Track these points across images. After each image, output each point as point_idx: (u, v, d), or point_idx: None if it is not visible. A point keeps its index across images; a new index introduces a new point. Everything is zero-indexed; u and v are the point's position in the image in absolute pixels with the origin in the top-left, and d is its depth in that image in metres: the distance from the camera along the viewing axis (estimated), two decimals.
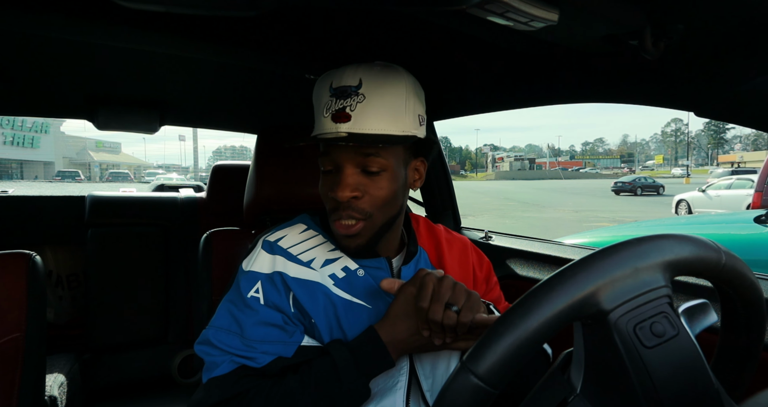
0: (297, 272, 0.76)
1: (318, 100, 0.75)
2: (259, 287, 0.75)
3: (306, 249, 0.79)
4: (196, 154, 50.75)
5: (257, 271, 0.76)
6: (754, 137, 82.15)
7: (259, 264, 0.77)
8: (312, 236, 0.82)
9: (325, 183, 0.76)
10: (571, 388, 0.44)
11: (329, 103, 0.72)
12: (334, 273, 0.78)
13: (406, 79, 0.74)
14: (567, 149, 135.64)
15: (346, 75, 0.72)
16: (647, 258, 0.42)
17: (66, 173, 45.60)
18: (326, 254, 0.80)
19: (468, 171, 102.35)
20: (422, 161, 0.81)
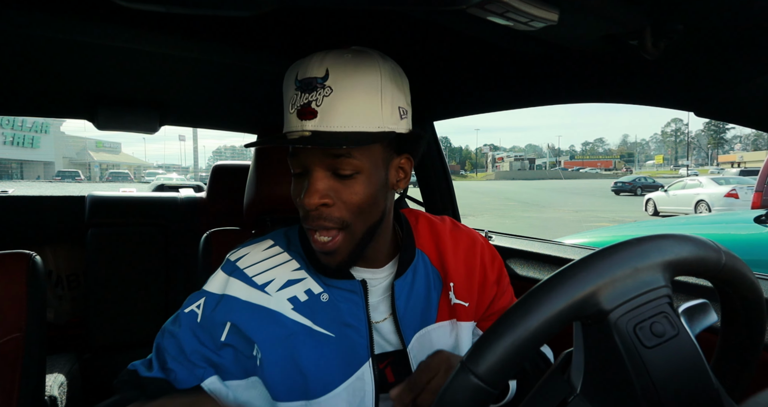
0: (249, 296, 0.69)
1: (285, 94, 0.66)
2: (201, 303, 0.70)
3: (265, 270, 0.72)
4: (196, 154, 50.77)
5: (208, 290, 0.71)
6: (754, 137, 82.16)
7: (213, 284, 0.72)
8: (276, 254, 0.74)
9: (295, 187, 0.67)
10: (571, 388, 0.44)
11: (294, 98, 0.63)
12: (295, 295, 0.70)
13: (382, 67, 0.64)
14: (567, 149, 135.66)
15: (312, 65, 0.63)
16: (647, 258, 0.42)
17: (66, 173, 45.62)
18: (288, 274, 0.71)
19: (468, 171, 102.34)
20: (408, 158, 0.71)
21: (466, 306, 0.78)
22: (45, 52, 1.15)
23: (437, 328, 0.75)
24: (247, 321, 0.67)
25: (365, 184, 0.64)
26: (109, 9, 0.90)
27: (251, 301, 0.69)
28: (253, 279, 0.71)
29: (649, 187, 25.25)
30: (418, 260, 0.77)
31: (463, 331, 0.77)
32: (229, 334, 0.68)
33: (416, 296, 0.75)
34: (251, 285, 0.70)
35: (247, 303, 0.69)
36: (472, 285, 0.79)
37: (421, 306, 0.75)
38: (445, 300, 0.77)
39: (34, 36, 1.03)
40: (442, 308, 0.76)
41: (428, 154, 1.67)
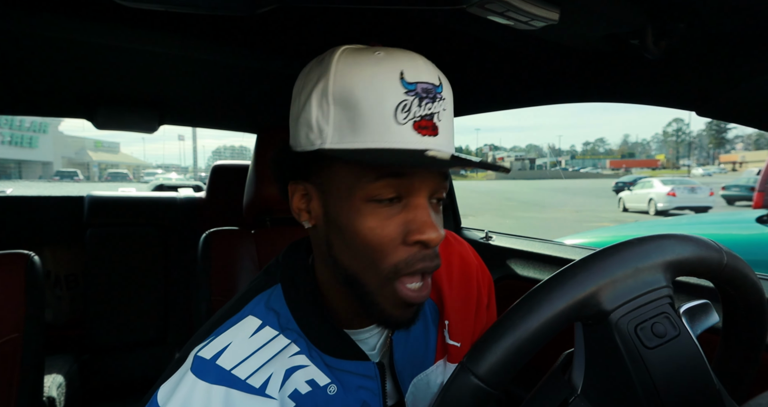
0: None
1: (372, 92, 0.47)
2: None
3: (260, 366, 0.52)
4: (195, 154, 50.79)
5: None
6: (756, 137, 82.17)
7: (184, 400, 0.47)
8: (269, 339, 0.54)
9: (384, 221, 0.49)
10: (571, 389, 0.44)
11: (407, 103, 0.47)
12: (296, 389, 0.53)
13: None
14: (567, 149, 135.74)
15: (421, 66, 0.49)
16: (648, 259, 0.42)
17: (64, 173, 45.60)
18: (287, 362, 0.53)
19: (468, 171, 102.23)
20: None
21: (458, 347, 0.66)
22: (44, 52, 1.15)
23: (434, 370, 0.65)
24: None
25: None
26: (109, 8, 0.90)
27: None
28: (248, 383, 0.50)
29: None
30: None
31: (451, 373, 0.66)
32: None
33: (414, 341, 0.63)
34: (247, 392, 0.50)
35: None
36: (467, 319, 0.68)
37: (421, 349, 0.64)
38: (441, 337, 0.66)
39: (33, 36, 1.03)
40: (439, 347, 0.66)
41: None
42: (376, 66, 0.48)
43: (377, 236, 0.49)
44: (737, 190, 15.33)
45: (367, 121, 0.47)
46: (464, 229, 1.72)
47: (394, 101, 0.47)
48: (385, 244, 0.49)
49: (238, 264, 1.10)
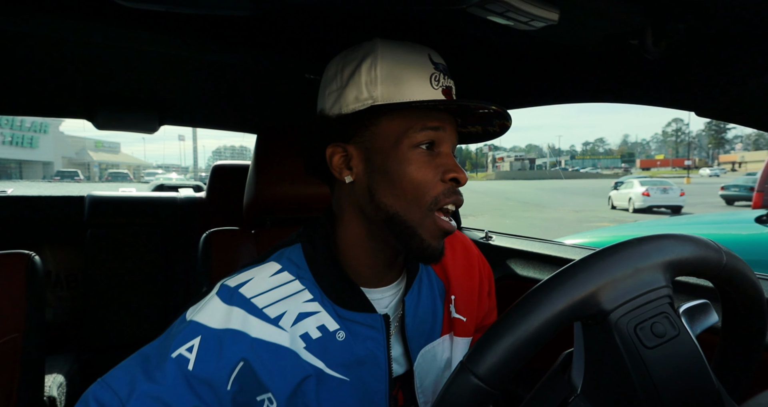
0: (259, 332, 0.57)
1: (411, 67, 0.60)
2: (195, 345, 0.55)
3: (275, 300, 0.60)
4: (195, 154, 50.77)
5: (202, 323, 0.56)
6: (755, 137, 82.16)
7: (209, 314, 0.57)
8: (287, 281, 0.62)
9: (427, 164, 0.59)
10: (571, 388, 0.44)
11: (436, 76, 0.61)
12: (307, 332, 0.59)
13: None
14: (567, 149, 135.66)
15: (437, 54, 0.64)
16: (648, 259, 0.42)
17: (65, 173, 45.58)
18: (300, 306, 0.61)
19: (468, 171, 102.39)
20: None
21: (464, 321, 0.73)
22: (45, 52, 1.15)
23: (441, 343, 0.70)
24: (261, 363, 0.56)
25: None
26: (109, 9, 0.90)
27: (264, 338, 0.57)
28: (263, 311, 0.59)
29: None
30: (422, 269, 0.72)
31: (457, 347, 0.72)
32: (236, 379, 0.56)
33: (423, 310, 0.69)
34: (261, 318, 0.58)
35: (259, 341, 0.57)
36: (471, 297, 0.75)
37: (429, 320, 0.69)
38: (447, 312, 0.72)
39: (34, 36, 1.03)
40: (445, 321, 0.71)
41: None
42: (411, 47, 0.62)
43: (422, 175, 0.59)
44: (736, 190, 15.46)
45: (410, 85, 0.60)
46: (464, 229, 1.72)
47: (428, 73, 0.61)
48: (428, 181, 0.59)
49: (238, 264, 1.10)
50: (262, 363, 0.57)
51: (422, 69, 0.61)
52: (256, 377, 0.56)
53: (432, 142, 0.60)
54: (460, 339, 0.72)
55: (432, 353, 0.69)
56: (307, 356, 0.59)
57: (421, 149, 0.59)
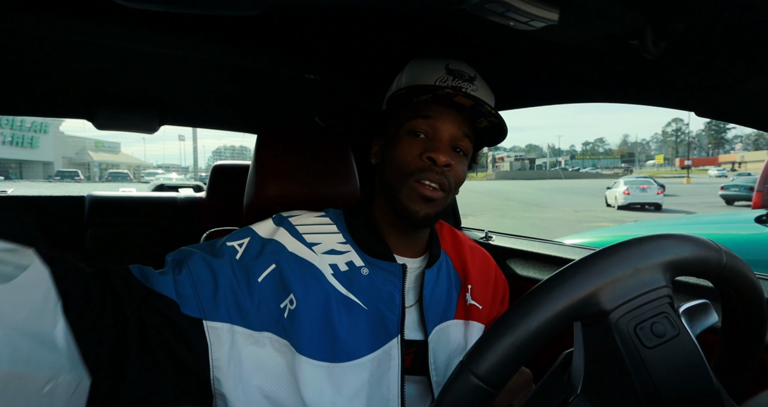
0: (295, 248, 0.71)
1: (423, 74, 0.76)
2: (245, 242, 0.70)
3: (314, 232, 0.74)
4: (195, 154, 50.80)
5: (255, 230, 0.73)
6: (755, 137, 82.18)
7: (261, 227, 0.73)
8: (327, 223, 0.77)
9: (412, 145, 0.72)
10: (571, 388, 0.44)
11: (444, 78, 0.75)
12: (336, 263, 0.72)
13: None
14: (567, 149, 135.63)
15: (463, 65, 0.78)
16: (648, 259, 0.42)
17: (65, 173, 45.57)
18: (334, 245, 0.74)
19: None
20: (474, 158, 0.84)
21: (480, 308, 0.83)
22: (45, 52, 1.15)
23: (455, 325, 0.79)
24: (290, 270, 0.68)
25: (464, 166, 0.77)
26: (109, 9, 0.90)
27: (297, 254, 0.70)
28: (303, 236, 0.73)
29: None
30: (443, 259, 0.83)
31: (473, 331, 0.81)
32: (267, 277, 0.67)
33: (440, 290, 0.79)
34: (299, 240, 0.72)
35: (293, 255, 0.70)
36: (487, 290, 0.86)
37: (444, 300, 0.79)
38: (463, 300, 0.82)
39: (34, 36, 1.03)
40: (460, 307, 0.81)
41: None
42: (434, 59, 0.79)
43: (404, 153, 0.72)
44: (736, 189, 15.48)
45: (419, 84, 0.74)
46: (464, 229, 1.72)
47: (436, 76, 0.76)
48: (408, 158, 0.72)
49: None
50: (291, 270, 0.68)
51: (432, 74, 0.75)
52: (283, 279, 0.67)
53: (426, 130, 0.73)
54: (475, 325, 0.82)
55: (446, 332, 0.78)
56: (333, 281, 0.70)
57: (413, 135, 0.73)
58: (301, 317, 0.66)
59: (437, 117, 0.73)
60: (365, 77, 1.34)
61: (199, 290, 0.63)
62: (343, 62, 1.25)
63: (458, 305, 0.80)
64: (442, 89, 0.70)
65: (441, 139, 0.72)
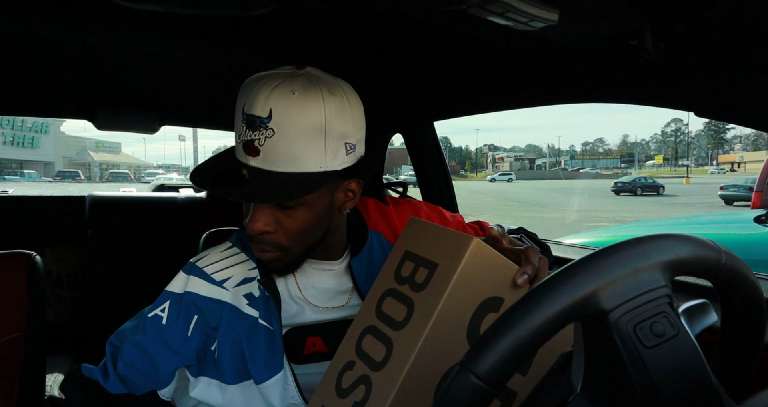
0: (208, 291, 0.75)
1: (236, 116, 0.68)
2: (166, 307, 0.74)
3: (222, 268, 0.77)
4: (196, 154, 50.77)
5: (170, 291, 0.76)
6: (754, 137, 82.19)
7: (175, 285, 0.76)
8: (233, 254, 0.80)
9: (244, 207, 0.71)
10: (570, 388, 0.44)
11: (240, 129, 0.66)
12: (251, 292, 0.76)
13: (328, 104, 0.64)
14: (567, 149, 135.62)
15: (257, 102, 0.63)
16: (647, 258, 0.42)
17: (66, 173, 45.57)
18: (245, 273, 0.78)
19: (468, 171, 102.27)
20: (357, 181, 0.73)
21: None
22: (45, 52, 1.15)
23: None
24: (209, 314, 0.74)
25: (308, 213, 0.69)
26: (109, 9, 0.90)
27: (211, 296, 0.75)
28: (212, 276, 0.76)
29: (649, 186, 25.27)
30: (372, 240, 0.84)
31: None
32: (194, 329, 0.74)
33: (377, 271, 0.77)
34: (210, 282, 0.76)
35: (208, 298, 0.74)
36: None
37: None
38: None
39: (34, 36, 1.03)
40: None
41: (428, 154, 1.67)
42: (241, 92, 0.70)
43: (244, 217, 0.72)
44: (735, 189, 15.50)
45: (236, 133, 0.69)
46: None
47: (238, 124, 0.67)
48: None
49: None
50: (210, 314, 0.74)
51: (237, 119, 0.67)
52: (207, 324, 0.74)
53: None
54: None
55: None
56: (249, 310, 0.75)
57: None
58: (222, 353, 0.73)
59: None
60: (366, 77, 1.34)
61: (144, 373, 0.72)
62: (343, 62, 1.25)
63: None
64: (219, 189, 0.65)
65: (255, 205, 0.68)
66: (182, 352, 0.73)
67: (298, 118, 0.63)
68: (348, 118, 0.67)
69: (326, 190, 0.70)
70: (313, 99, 0.64)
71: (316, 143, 0.64)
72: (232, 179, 0.66)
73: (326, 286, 0.80)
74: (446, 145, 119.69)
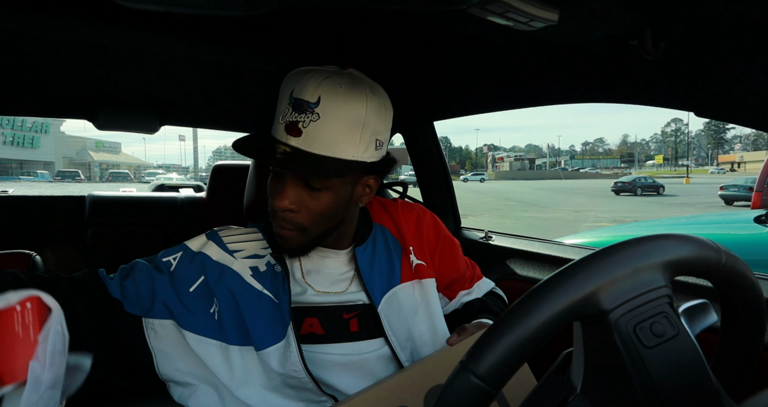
0: (219, 257, 0.81)
1: (280, 100, 0.75)
2: (178, 256, 0.80)
3: (238, 241, 0.84)
4: (196, 154, 50.81)
5: (187, 245, 0.83)
6: (754, 137, 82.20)
7: (194, 243, 0.83)
8: (251, 232, 0.87)
9: (271, 185, 0.76)
10: (571, 388, 0.44)
11: (285, 111, 0.72)
12: (256, 266, 0.81)
13: (369, 102, 0.72)
14: (567, 149, 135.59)
15: (308, 88, 0.70)
16: (647, 258, 0.42)
17: (66, 173, 45.57)
18: (257, 250, 0.83)
19: (468, 171, 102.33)
20: (375, 178, 0.80)
21: (425, 265, 0.90)
22: (45, 52, 1.15)
23: (402, 288, 0.86)
24: (213, 277, 0.78)
25: (331, 198, 0.74)
26: (110, 9, 0.90)
27: (220, 261, 0.80)
28: (227, 245, 0.83)
29: (649, 186, 25.27)
30: (376, 232, 0.89)
31: (426, 287, 0.89)
32: (197, 288, 0.78)
33: (379, 262, 0.86)
34: (223, 249, 0.82)
35: (217, 263, 0.80)
36: (423, 249, 0.93)
37: (386, 269, 0.86)
38: (407, 263, 0.88)
39: (34, 36, 1.03)
40: (406, 270, 0.88)
41: (428, 154, 1.67)
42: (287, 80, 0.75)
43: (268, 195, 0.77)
44: (735, 189, 15.49)
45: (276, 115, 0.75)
46: (464, 229, 1.72)
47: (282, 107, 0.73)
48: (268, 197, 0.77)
49: None
50: (213, 277, 0.78)
51: (282, 103, 0.74)
52: (209, 287, 0.78)
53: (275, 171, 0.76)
54: (425, 281, 0.89)
55: (396, 297, 0.85)
56: (251, 281, 0.79)
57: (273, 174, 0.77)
58: (223, 315, 0.77)
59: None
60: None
61: (140, 294, 0.75)
62: (343, 62, 1.25)
63: (403, 269, 0.87)
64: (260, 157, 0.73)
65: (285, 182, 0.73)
66: (182, 292, 0.77)
67: (344, 108, 0.70)
68: (383, 118, 0.75)
69: (351, 179, 0.76)
70: (359, 94, 0.71)
71: (354, 134, 0.71)
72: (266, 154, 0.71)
73: (329, 271, 0.84)
74: (446, 145, 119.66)
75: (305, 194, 0.73)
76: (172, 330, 0.75)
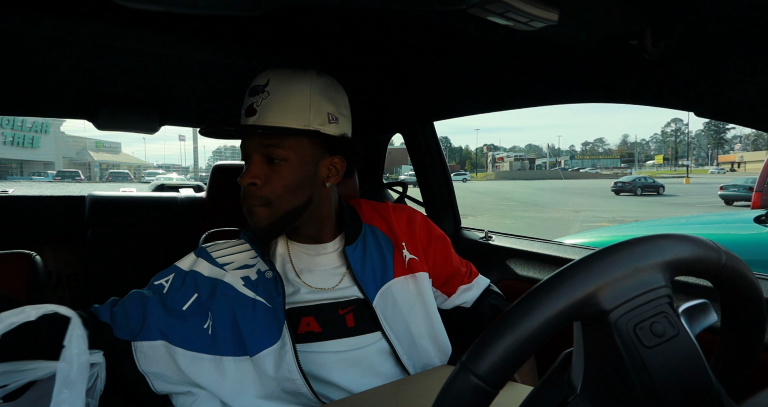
0: (210, 272, 0.84)
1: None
2: (170, 278, 0.83)
3: (227, 254, 0.87)
4: (196, 154, 50.84)
5: (178, 266, 0.85)
6: (754, 137, 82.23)
7: (184, 262, 0.86)
8: (239, 244, 0.90)
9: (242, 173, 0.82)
10: (571, 388, 0.44)
11: (246, 101, 0.82)
12: (248, 275, 0.84)
13: (314, 81, 0.81)
14: (567, 149, 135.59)
15: (260, 76, 0.82)
16: (647, 258, 0.42)
17: (66, 173, 45.57)
18: (246, 260, 0.87)
19: (468, 171, 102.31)
20: (340, 159, 0.85)
21: (417, 260, 0.93)
22: (45, 52, 1.15)
23: (396, 283, 0.89)
24: (206, 293, 0.81)
25: (290, 171, 0.79)
26: (109, 9, 0.90)
27: (211, 276, 0.83)
28: (216, 260, 0.86)
29: (649, 186, 25.27)
30: (366, 232, 0.93)
31: (420, 281, 0.91)
32: (191, 306, 0.80)
33: (371, 259, 0.89)
34: (213, 265, 0.85)
35: (209, 278, 0.83)
36: (416, 245, 0.96)
37: (378, 266, 0.89)
38: (400, 258, 0.92)
39: (34, 36, 1.03)
40: (399, 265, 0.91)
41: (428, 154, 1.67)
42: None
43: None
44: (735, 189, 15.50)
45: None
46: (464, 229, 1.72)
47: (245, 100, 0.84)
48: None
49: None
50: (206, 293, 0.81)
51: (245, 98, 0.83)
52: (202, 304, 0.80)
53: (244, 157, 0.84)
54: (418, 274, 0.92)
55: (390, 292, 0.87)
56: (244, 290, 0.82)
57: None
58: (217, 328, 0.78)
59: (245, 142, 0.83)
60: (366, 77, 1.34)
61: (129, 318, 0.78)
62: (342, 62, 1.25)
63: (396, 264, 0.91)
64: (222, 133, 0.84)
65: (250, 161, 0.81)
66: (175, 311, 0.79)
67: (288, 83, 0.79)
68: (331, 95, 0.82)
69: (310, 155, 0.81)
70: (303, 74, 0.81)
71: (300, 104, 0.79)
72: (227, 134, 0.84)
73: (320, 267, 0.87)
74: (446, 145, 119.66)
75: (266, 168, 0.79)
76: (163, 350, 0.77)
